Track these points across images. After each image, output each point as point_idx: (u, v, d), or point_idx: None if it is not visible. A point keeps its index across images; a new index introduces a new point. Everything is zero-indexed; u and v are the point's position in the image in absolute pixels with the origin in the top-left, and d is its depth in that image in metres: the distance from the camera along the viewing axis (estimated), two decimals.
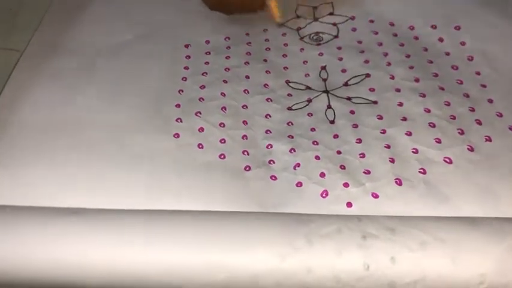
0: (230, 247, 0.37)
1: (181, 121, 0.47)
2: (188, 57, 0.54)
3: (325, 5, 0.60)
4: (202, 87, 0.51)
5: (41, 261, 0.38)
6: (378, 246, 0.37)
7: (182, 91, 0.50)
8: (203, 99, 0.50)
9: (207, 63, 0.53)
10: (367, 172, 0.43)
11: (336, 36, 0.57)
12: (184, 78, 0.52)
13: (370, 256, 0.37)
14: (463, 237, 0.37)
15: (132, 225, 0.39)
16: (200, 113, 0.48)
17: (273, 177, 0.43)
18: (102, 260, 0.37)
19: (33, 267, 0.38)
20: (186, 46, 0.55)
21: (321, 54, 0.55)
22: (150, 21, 0.58)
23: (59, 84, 0.51)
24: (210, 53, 0.55)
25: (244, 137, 0.46)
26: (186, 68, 0.53)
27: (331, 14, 0.59)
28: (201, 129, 0.47)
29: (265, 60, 0.54)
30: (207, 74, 0.52)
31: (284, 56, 0.55)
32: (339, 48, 0.55)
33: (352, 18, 0.59)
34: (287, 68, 0.53)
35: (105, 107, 0.49)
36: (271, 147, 0.45)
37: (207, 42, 0.56)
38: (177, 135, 0.46)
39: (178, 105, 0.49)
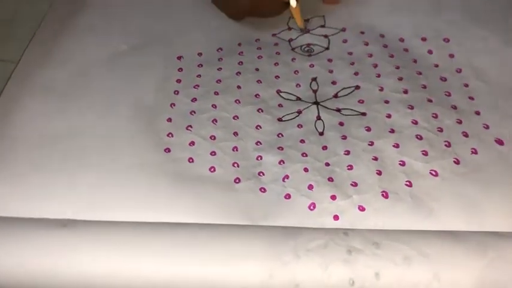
0: (218, 262, 0.38)
1: (172, 136, 0.48)
2: (180, 69, 0.55)
3: (316, 17, 0.61)
4: (194, 100, 0.52)
5: (31, 272, 0.39)
6: (362, 262, 0.38)
7: (174, 105, 0.51)
8: (194, 113, 0.50)
9: (199, 76, 0.54)
10: (355, 184, 0.44)
11: (327, 48, 0.57)
12: (176, 92, 0.52)
13: (355, 271, 0.37)
14: (446, 252, 0.38)
15: (120, 238, 0.40)
16: (191, 127, 0.49)
17: (262, 189, 0.44)
18: (90, 272, 0.38)
19: (23, 279, 0.39)
20: (179, 58, 0.56)
21: (311, 65, 0.55)
22: (144, 31, 0.59)
23: (52, 96, 0.52)
24: (202, 66, 0.55)
25: (235, 148, 0.47)
26: (179, 81, 0.54)
27: (323, 26, 0.60)
28: (192, 143, 0.48)
29: (257, 69, 0.55)
30: (198, 86, 0.53)
31: (276, 64, 0.55)
32: (330, 60, 0.56)
33: (343, 30, 0.59)
34: (278, 77, 0.54)
35: (98, 119, 0.50)
36: (261, 158, 0.46)
37: (200, 54, 0.57)
38: (168, 150, 0.47)
39: (169, 120, 0.50)
